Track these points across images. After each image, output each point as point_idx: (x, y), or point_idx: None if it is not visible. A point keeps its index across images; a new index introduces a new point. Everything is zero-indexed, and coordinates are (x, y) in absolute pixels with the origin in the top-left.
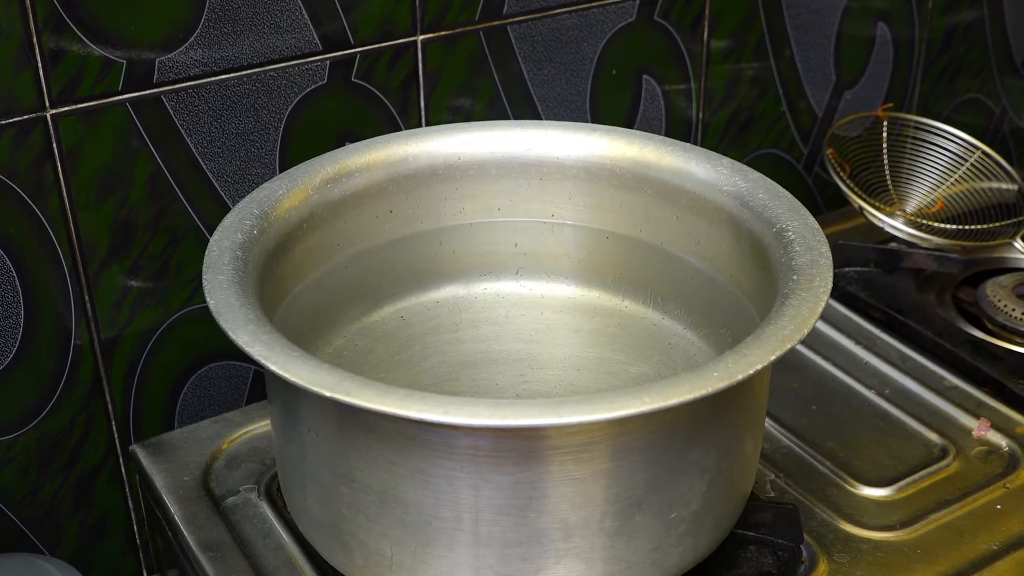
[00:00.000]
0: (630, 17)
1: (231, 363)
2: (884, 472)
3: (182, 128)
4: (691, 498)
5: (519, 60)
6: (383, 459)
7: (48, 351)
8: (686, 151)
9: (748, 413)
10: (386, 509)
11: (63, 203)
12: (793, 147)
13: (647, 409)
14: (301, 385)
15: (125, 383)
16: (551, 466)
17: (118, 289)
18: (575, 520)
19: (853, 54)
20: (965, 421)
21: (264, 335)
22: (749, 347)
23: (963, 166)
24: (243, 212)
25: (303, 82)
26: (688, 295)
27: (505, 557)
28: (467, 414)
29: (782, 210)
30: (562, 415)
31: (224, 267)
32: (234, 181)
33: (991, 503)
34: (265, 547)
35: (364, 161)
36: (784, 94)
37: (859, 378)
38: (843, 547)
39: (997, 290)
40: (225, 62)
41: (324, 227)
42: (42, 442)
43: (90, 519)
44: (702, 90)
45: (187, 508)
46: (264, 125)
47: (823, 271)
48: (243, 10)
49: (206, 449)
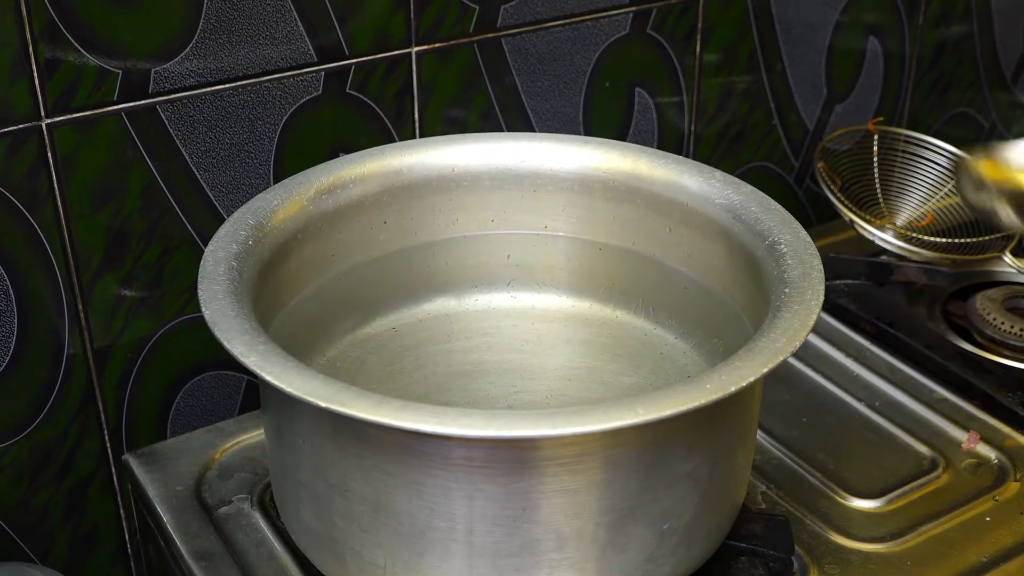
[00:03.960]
0: (623, 30)
1: (224, 373)
2: (874, 484)
3: (177, 138)
4: (684, 509)
5: (513, 72)
6: (377, 469)
7: (41, 360)
8: (679, 164)
9: (740, 425)
10: (380, 519)
11: (57, 212)
12: (784, 160)
13: (641, 420)
14: (296, 396)
15: (118, 392)
16: (544, 476)
17: (111, 298)
18: (568, 531)
19: (844, 68)
20: (954, 434)
21: (259, 346)
22: (742, 359)
23: (953, 180)
24: (238, 223)
25: (298, 93)
26: (680, 306)
27: (498, 568)
28: (462, 425)
29: (774, 223)
30: (556, 426)
31: (219, 277)
32: (229, 191)
33: (980, 515)
34: (258, 557)
35: (359, 172)
36: (776, 107)
37: (849, 390)
38: (833, 558)
39: (987, 303)
40: (220, 73)
41: (319, 238)
42: (34, 451)
43: (82, 528)
44: (694, 103)
45: (180, 518)
46: (259, 136)
47: (815, 284)
48: (239, 21)
49: (199, 459)
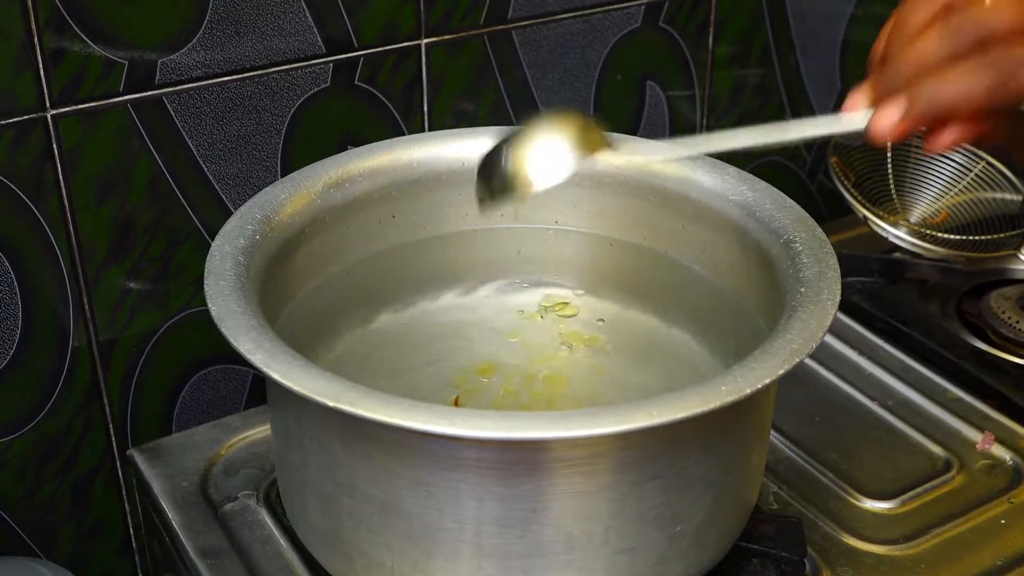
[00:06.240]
0: (635, 23)
1: (230, 367)
2: (887, 485)
3: (183, 130)
4: (695, 512)
5: (523, 65)
6: (386, 470)
7: (46, 353)
8: (692, 160)
9: (754, 426)
10: (388, 520)
11: (63, 204)
12: (797, 155)
13: (655, 423)
14: (303, 394)
15: (123, 386)
16: (555, 478)
17: (117, 291)
18: (578, 533)
19: (859, 62)
20: (969, 434)
21: (266, 342)
22: (757, 360)
23: (968, 176)
24: (245, 216)
25: (306, 85)
26: (692, 303)
27: (507, 569)
28: (472, 426)
29: (789, 220)
30: (569, 428)
31: (226, 272)
32: (235, 184)
33: (995, 517)
34: (264, 554)
35: (368, 166)
36: (788, 101)
37: (862, 389)
38: (846, 560)
39: (1001, 302)
40: (228, 64)
41: (327, 232)
42: (39, 445)
43: (86, 523)
44: (706, 96)
45: (185, 514)
46: (266, 128)
47: (831, 284)
48: (246, 12)
49: (204, 454)
